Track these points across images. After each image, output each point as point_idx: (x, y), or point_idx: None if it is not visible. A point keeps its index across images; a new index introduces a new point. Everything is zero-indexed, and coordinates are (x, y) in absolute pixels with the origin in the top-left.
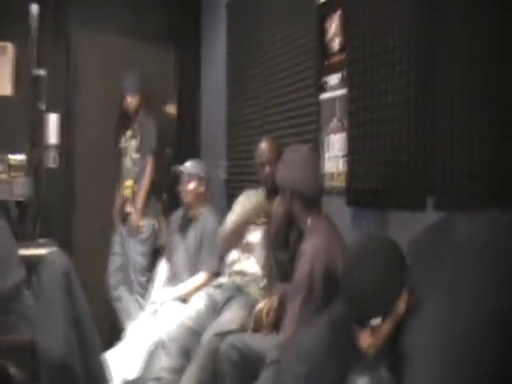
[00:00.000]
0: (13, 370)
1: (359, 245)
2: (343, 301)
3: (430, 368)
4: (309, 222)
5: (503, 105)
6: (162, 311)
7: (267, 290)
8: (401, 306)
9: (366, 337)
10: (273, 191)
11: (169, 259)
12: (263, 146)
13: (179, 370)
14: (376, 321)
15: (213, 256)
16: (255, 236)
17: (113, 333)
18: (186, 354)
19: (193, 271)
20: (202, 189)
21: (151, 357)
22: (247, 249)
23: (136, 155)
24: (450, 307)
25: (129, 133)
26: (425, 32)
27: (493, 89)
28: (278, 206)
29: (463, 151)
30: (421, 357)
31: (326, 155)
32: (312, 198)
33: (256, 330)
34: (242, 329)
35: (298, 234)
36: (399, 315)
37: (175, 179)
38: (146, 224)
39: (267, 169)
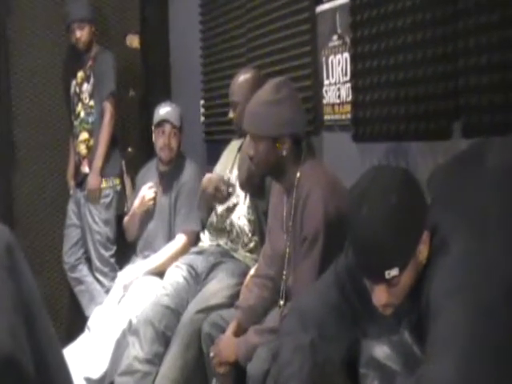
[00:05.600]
0: None
1: (366, 177)
2: (351, 250)
3: (457, 319)
4: (306, 164)
5: None
6: (132, 290)
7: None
8: (421, 251)
9: (381, 293)
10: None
11: (138, 226)
12: (240, 79)
13: (156, 360)
14: (392, 272)
15: (192, 213)
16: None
17: (74, 322)
18: (164, 339)
19: (168, 237)
20: (180, 139)
21: (120, 347)
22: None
23: (91, 102)
24: (480, 247)
25: (80, 74)
26: None
27: None
28: (246, 149)
29: (494, 61)
30: (446, 309)
31: (326, 82)
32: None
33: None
34: (230, 302)
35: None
36: (420, 263)
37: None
38: (107, 186)
39: (239, 109)
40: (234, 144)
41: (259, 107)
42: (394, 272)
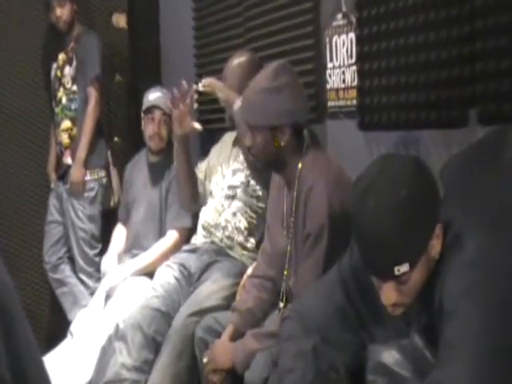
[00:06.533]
0: None
1: (374, 168)
2: (357, 246)
3: (472, 321)
4: (309, 155)
5: None
6: (119, 292)
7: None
8: (434, 246)
9: (390, 291)
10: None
11: (125, 222)
12: (233, 63)
13: (145, 367)
14: (402, 268)
15: None
16: (236, 179)
17: (55, 327)
18: (154, 344)
19: (159, 234)
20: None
21: (106, 354)
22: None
23: (73, 87)
24: (494, 244)
25: (62, 57)
26: None
27: None
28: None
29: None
30: (460, 310)
31: (330, 65)
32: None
33: None
34: (226, 304)
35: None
36: (432, 259)
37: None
38: (92, 179)
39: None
40: (228, 137)
41: (256, 95)
42: (404, 268)
